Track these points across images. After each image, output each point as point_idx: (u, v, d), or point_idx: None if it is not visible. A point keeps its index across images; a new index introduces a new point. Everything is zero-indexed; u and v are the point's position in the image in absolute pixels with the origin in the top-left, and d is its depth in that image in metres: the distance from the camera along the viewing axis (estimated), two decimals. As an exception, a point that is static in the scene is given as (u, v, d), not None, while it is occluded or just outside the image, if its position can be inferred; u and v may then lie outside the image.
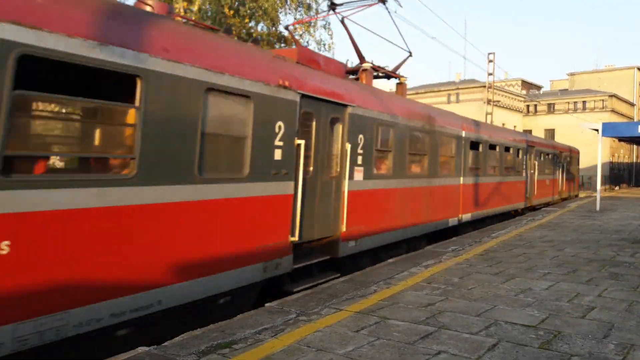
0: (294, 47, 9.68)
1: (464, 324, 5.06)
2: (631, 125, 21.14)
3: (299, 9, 22.04)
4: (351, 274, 7.41)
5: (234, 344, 4.43)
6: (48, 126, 6.07)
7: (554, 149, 23.60)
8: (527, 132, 48.80)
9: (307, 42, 22.55)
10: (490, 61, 32.96)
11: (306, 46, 22.55)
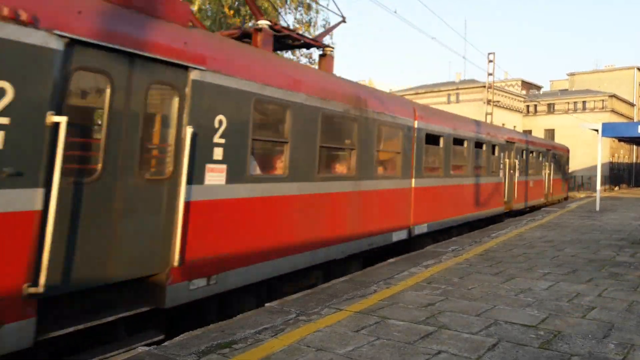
0: None
1: (464, 323, 5.06)
2: (631, 126, 21.15)
3: (299, 8, 22.04)
4: (351, 274, 7.39)
5: (234, 343, 4.44)
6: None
7: (539, 147, 21.43)
8: (527, 132, 48.77)
9: None
10: (490, 61, 32.98)
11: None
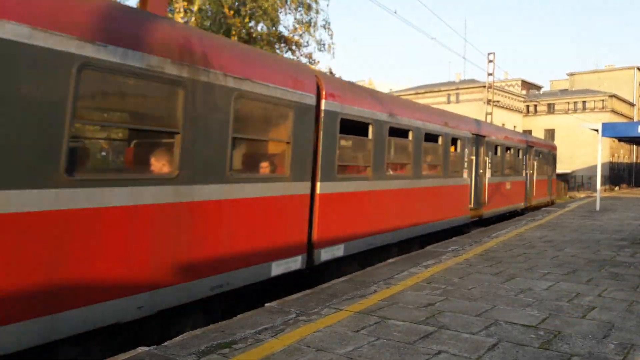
0: None
1: (464, 323, 5.06)
2: (631, 126, 21.16)
3: (299, 9, 22.03)
4: (351, 274, 7.39)
5: (234, 344, 4.44)
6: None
7: (517, 143, 18.66)
8: (527, 132, 48.66)
9: (307, 42, 22.49)
10: (490, 61, 32.98)
11: (306, 46, 22.48)
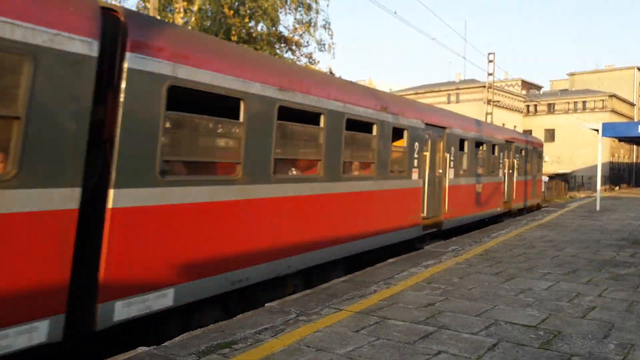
0: None
1: (464, 324, 5.06)
2: (631, 126, 21.16)
3: (299, 9, 22.03)
4: (351, 274, 7.39)
5: (234, 344, 4.44)
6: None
7: (491, 137, 15.72)
8: (527, 132, 48.56)
9: (307, 42, 22.49)
10: (490, 61, 32.97)
11: (306, 46, 22.48)
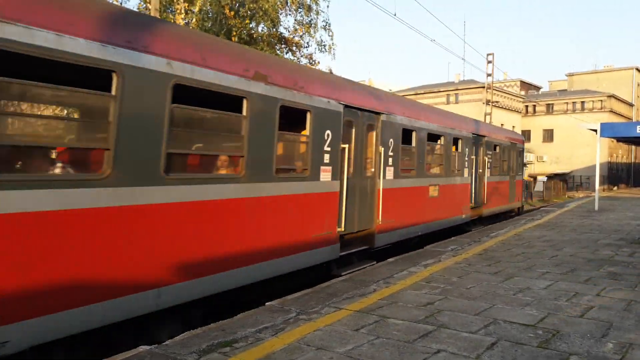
0: None
1: (463, 323, 5.09)
2: (630, 126, 21.21)
3: (300, 10, 22.04)
4: (351, 274, 7.42)
5: (235, 342, 4.46)
6: None
7: (454, 130, 12.59)
8: (525, 132, 48.45)
9: (307, 43, 22.50)
10: (489, 62, 33.00)
11: (307, 47, 22.45)
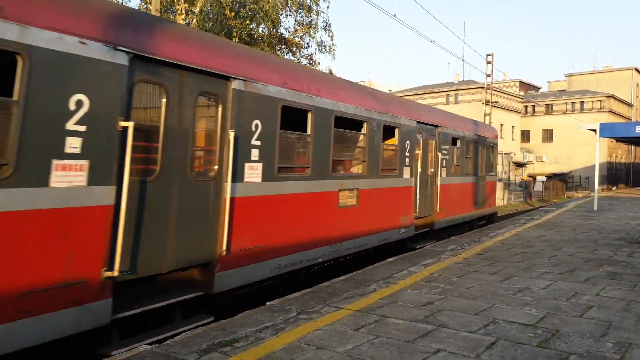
0: None
1: (462, 322, 5.10)
2: (629, 126, 21.24)
3: (300, 10, 22.04)
4: (351, 273, 7.42)
5: (235, 342, 4.47)
6: None
7: (385, 115, 9.67)
8: (524, 132, 48.35)
9: (307, 43, 22.50)
10: (489, 62, 33.02)
11: (307, 48, 22.47)
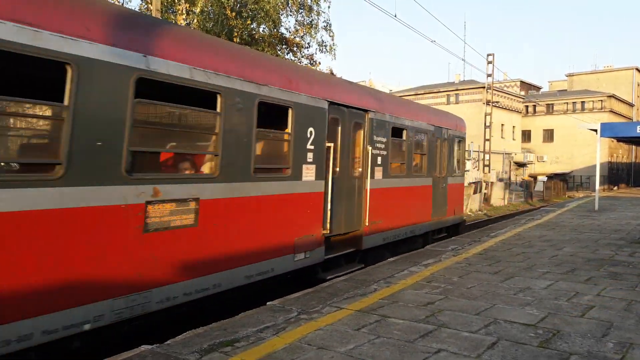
0: None
1: (463, 322, 5.10)
2: (630, 126, 21.22)
3: (301, 10, 22.03)
4: (351, 273, 7.43)
5: (236, 342, 4.47)
6: None
7: (282, 93, 6.56)
8: (525, 132, 48.30)
9: (308, 43, 22.49)
10: (490, 62, 33.01)
11: (307, 48, 22.44)
